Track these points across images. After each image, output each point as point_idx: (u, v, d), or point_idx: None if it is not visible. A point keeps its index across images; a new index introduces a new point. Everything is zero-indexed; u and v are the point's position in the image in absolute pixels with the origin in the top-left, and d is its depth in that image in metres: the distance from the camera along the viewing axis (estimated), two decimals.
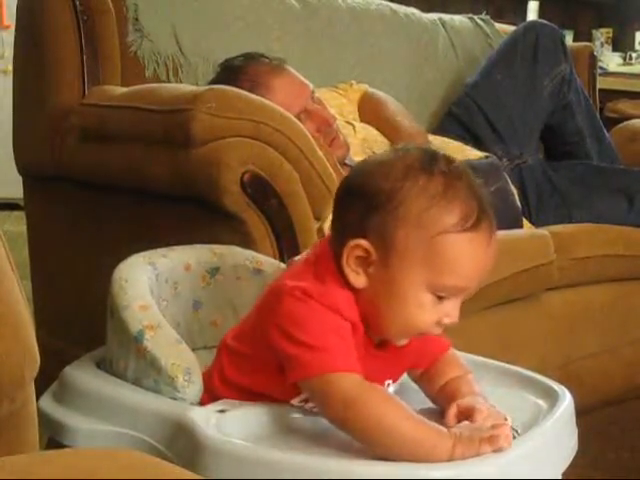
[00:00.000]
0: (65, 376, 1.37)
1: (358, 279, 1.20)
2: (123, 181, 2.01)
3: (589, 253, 2.36)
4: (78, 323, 2.18)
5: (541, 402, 1.37)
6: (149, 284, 1.39)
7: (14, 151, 2.36)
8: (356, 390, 1.14)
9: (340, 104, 2.48)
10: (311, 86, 2.24)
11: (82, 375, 1.35)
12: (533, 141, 2.75)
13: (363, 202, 1.19)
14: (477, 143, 2.63)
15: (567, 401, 1.35)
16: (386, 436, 1.13)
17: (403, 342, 1.25)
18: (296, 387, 1.22)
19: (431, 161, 1.20)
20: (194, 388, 1.28)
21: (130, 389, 1.30)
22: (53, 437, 1.33)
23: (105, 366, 1.39)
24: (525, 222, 2.47)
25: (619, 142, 2.97)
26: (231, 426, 1.21)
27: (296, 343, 1.17)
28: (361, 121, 2.49)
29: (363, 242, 1.18)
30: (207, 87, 1.86)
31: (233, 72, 2.17)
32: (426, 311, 1.20)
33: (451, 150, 2.45)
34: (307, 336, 1.17)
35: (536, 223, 2.51)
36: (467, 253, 1.17)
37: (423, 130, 2.45)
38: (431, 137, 2.47)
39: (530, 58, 2.75)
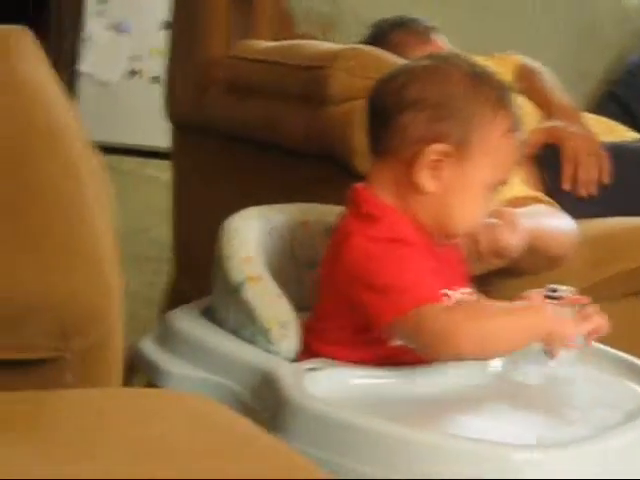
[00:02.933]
0: (167, 320, 1.38)
1: (431, 183, 1.28)
2: (261, 135, 2.02)
3: None
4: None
5: None
6: (260, 237, 1.39)
7: (165, 100, 2.40)
8: (449, 316, 1.20)
9: (497, 72, 2.41)
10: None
11: (183, 320, 1.36)
12: None
13: (430, 110, 1.28)
14: (636, 125, 2.52)
15: None
16: (495, 343, 1.22)
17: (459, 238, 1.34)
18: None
19: (480, 68, 1.35)
20: (289, 343, 1.28)
21: (225, 337, 1.30)
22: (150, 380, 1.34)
23: (210, 314, 1.39)
24: None
25: None
26: (319, 385, 1.20)
27: (378, 288, 1.21)
28: (516, 92, 2.42)
29: (440, 146, 1.27)
30: (349, 46, 1.84)
31: (379, 38, 2.14)
32: (485, 205, 1.32)
33: (605, 128, 2.36)
34: (387, 278, 1.21)
35: None
36: (515, 151, 1.33)
37: (576, 106, 2.36)
38: (585, 114, 2.38)
39: None
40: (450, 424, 1.17)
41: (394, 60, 1.79)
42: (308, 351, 1.30)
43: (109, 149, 4.94)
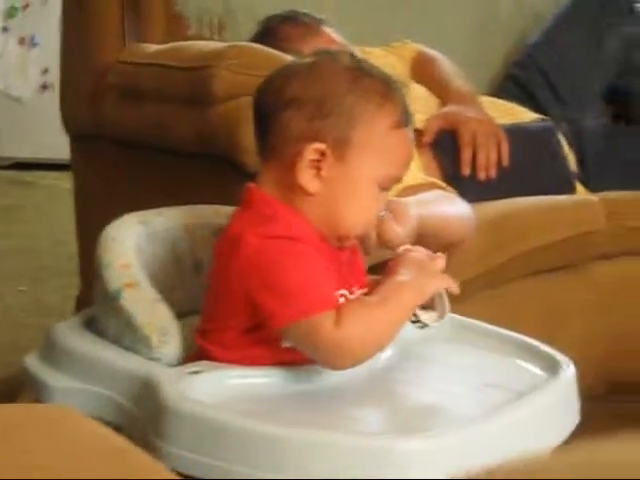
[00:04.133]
0: (49, 334, 1.35)
1: (313, 183, 1.24)
2: (154, 140, 2.00)
3: None
4: None
5: (541, 371, 1.31)
6: (139, 243, 1.36)
7: (60, 109, 2.37)
8: (339, 327, 1.18)
9: (391, 62, 2.41)
10: (350, 48, 2.18)
11: (64, 333, 1.34)
12: (596, 103, 2.64)
13: (309, 108, 1.24)
14: (535, 105, 2.53)
15: (569, 372, 1.29)
16: (383, 338, 1.22)
17: (352, 240, 1.30)
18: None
19: (362, 62, 1.31)
20: (170, 348, 1.25)
21: (105, 347, 1.28)
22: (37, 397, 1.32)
23: (93, 326, 1.36)
24: (580, 188, 2.37)
25: None
26: (198, 388, 1.18)
27: (272, 290, 1.19)
28: (413, 81, 2.42)
29: (319, 145, 1.23)
30: (230, 44, 1.83)
31: (266, 34, 2.13)
32: (376, 203, 1.28)
33: (502, 111, 2.36)
34: (281, 279, 1.19)
35: (595, 189, 2.40)
36: (406, 145, 1.30)
37: (473, 91, 2.36)
38: (482, 98, 2.39)
39: (595, 16, 2.64)
40: (330, 419, 1.15)
41: (277, 55, 1.78)
42: (200, 354, 1.28)
43: (26, 165, 4.90)
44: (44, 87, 4.90)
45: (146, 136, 2.01)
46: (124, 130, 2.10)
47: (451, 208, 1.80)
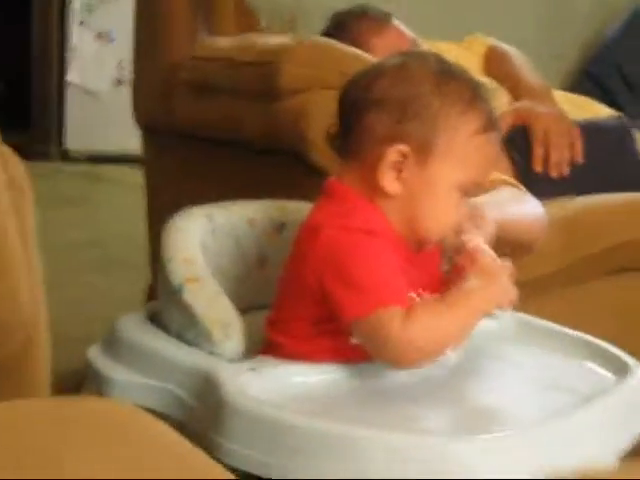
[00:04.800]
0: (114, 327, 1.35)
1: (394, 185, 1.24)
2: (224, 134, 1.99)
3: None
4: None
5: (609, 374, 1.28)
6: (202, 237, 1.36)
7: (133, 104, 2.38)
8: (405, 327, 1.17)
9: (464, 57, 2.38)
10: (419, 41, 2.16)
11: (127, 326, 1.33)
12: None
13: (395, 110, 1.24)
14: (610, 102, 2.48)
15: (638, 375, 1.25)
16: (447, 342, 1.22)
17: (432, 243, 1.29)
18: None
19: (450, 65, 1.29)
20: (231, 343, 1.25)
21: (167, 341, 1.28)
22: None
23: (157, 319, 1.36)
24: None
25: None
26: (262, 385, 1.17)
27: (346, 281, 1.19)
28: (485, 75, 2.39)
29: (402, 147, 1.22)
30: (297, 38, 1.82)
31: (336, 28, 2.11)
32: (457, 208, 1.27)
33: (576, 105, 2.33)
34: (356, 272, 1.19)
35: None
36: (489, 152, 1.28)
37: (546, 85, 2.32)
38: (556, 92, 2.35)
39: None
40: (390, 418, 1.13)
41: (341, 49, 1.77)
42: (270, 345, 1.27)
43: (99, 158, 4.94)
44: (119, 82, 4.94)
45: (215, 131, 2.01)
46: (194, 124, 2.10)
47: (524, 208, 1.78)
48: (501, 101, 2.27)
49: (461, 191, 1.26)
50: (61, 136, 5.06)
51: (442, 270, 1.33)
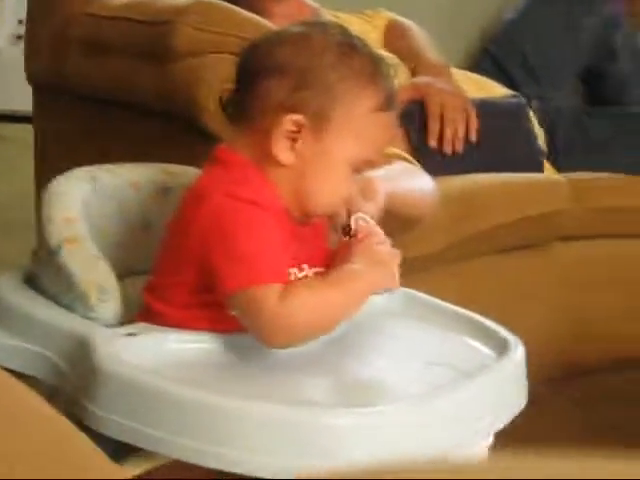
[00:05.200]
0: None
1: (287, 155, 1.21)
2: (114, 95, 1.95)
3: (613, 204, 2.22)
4: None
5: (490, 351, 1.28)
6: (85, 199, 1.32)
7: (25, 60, 2.31)
8: (280, 302, 1.14)
9: (364, 30, 2.36)
10: (322, 11, 2.13)
11: (2, 289, 1.29)
12: (569, 83, 2.61)
13: (293, 78, 1.21)
14: (509, 82, 2.50)
15: (518, 353, 1.26)
16: (318, 326, 1.18)
17: (320, 217, 1.28)
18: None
19: (354, 39, 1.25)
20: (108, 308, 1.22)
21: (42, 304, 1.24)
22: None
23: (35, 281, 1.32)
24: (548, 167, 2.35)
25: None
26: (138, 351, 1.14)
27: (228, 252, 1.16)
28: (385, 49, 2.38)
29: (297, 117, 1.20)
30: (196, 0, 1.77)
31: None
32: (348, 184, 1.24)
33: (474, 84, 2.33)
34: (238, 243, 1.16)
35: (562, 169, 2.37)
36: (386, 130, 1.26)
37: (445, 62, 2.32)
38: (454, 70, 2.35)
39: None
40: (266, 390, 1.11)
41: (240, 13, 1.74)
42: (147, 311, 1.24)
43: None
44: (19, 38, 4.81)
45: (107, 90, 1.96)
46: (86, 84, 2.05)
47: (415, 183, 1.77)
48: (400, 77, 2.26)
49: (353, 167, 1.24)
50: None
51: (330, 246, 1.31)
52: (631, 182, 2.31)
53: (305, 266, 1.25)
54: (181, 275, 1.22)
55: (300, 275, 1.24)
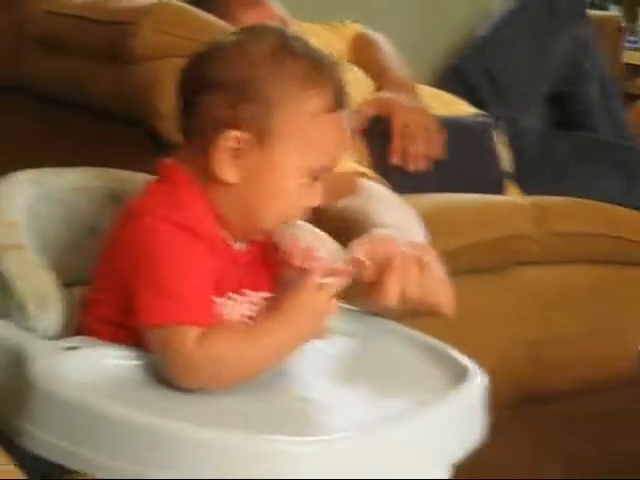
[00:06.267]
0: None
1: (230, 173, 1.16)
2: (69, 96, 1.90)
3: (573, 229, 2.18)
4: None
5: (448, 379, 1.22)
6: (29, 203, 1.26)
7: None
8: (197, 346, 1.07)
9: (330, 41, 2.32)
10: (289, 22, 2.09)
11: None
12: (537, 105, 2.58)
13: (229, 93, 1.15)
14: (476, 101, 2.46)
15: (477, 382, 1.20)
16: (235, 375, 1.10)
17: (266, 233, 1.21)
18: None
19: (290, 42, 1.19)
20: (47, 319, 1.15)
21: None
22: None
23: None
24: (513, 189, 2.31)
25: (637, 120, 2.79)
26: (77, 367, 1.08)
27: (149, 281, 1.09)
28: (350, 62, 2.33)
29: (237, 133, 1.14)
30: (157, 1, 1.72)
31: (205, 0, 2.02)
32: (302, 196, 1.18)
33: (440, 102, 2.30)
34: (163, 275, 1.09)
35: (528, 192, 2.34)
36: (336, 132, 1.19)
37: (411, 78, 2.28)
38: (421, 87, 2.31)
39: (545, 15, 2.57)
40: (208, 411, 1.05)
41: (207, 19, 1.69)
42: (81, 326, 1.18)
43: None
44: None
45: (62, 91, 1.92)
46: (42, 83, 2.01)
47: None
48: (365, 91, 2.22)
49: (309, 175, 1.18)
50: None
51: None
52: (590, 208, 2.27)
53: (248, 291, 1.19)
54: (108, 292, 1.16)
55: (242, 300, 1.18)
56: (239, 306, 1.18)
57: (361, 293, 1.28)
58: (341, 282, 1.18)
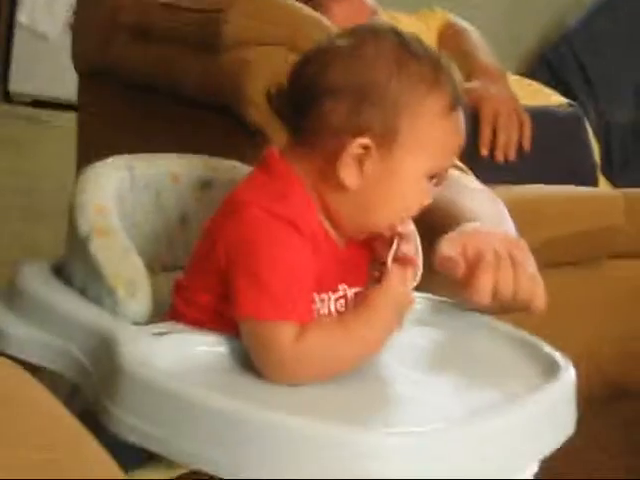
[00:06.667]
0: (14, 277, 1.25)
1: (354, 179, 1.14)
2: (159, 83, 1.90)
3: None
4: None
5: (538, 373, 1.20)
6: (120, 188, 1.26)
7: (72, 46, 2.27)
8: (296, 342, 1.06)
9: (419, 30, 2.30)
10: (378, 10, 2.07)
11: (28, 276, 1.23)
12: (629, 97, 2.52)
13: (352, 98, 1.13)
14: (565, 91, 2.43)
15: (568, 376, 1.18)
16: (332, 368, 1.09)
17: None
18: None
19: (409, 42, 1.17)
20: (137, 304, 1.15)
21: (68, 296, 1.18)
22: None
23: (62, 271, 1.26)
24: (604, 181, 2.27)
25: None
26: (165, 353, 1.07)
27: (250, 274, 1.08)
28: (439, 50, 2.31)
29: (365, 140, 1.12)
30: None
31: None
32: (418, 198, 1.18)
33: (530, 92, 2.27)
34: (265, 269, 1.08)
35: (618, 184, 2.30)
36: (457, 133, 1.19)
37: (501, 68, 2.25)
38: (510, 77, 2.28)
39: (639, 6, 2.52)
40: (295, 401, 1.04)
41: (294, 5, 1.68)
42: (174, 311, 1.18)
43: (44, 103, 4.78)
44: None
45: (153, 78, 1.91)
46: (132, 71, 2.00)
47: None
48: None
49: (430, 177, 1.17)
50: (6, 77, 4.91)
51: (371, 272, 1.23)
52: None
53: (343, 286, 1.19)
54: (207, 281, 1.15)
55: (335, 296, 1.18)
56: (332, 302, 1.17)
57: (453, 289, 1.27)
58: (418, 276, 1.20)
